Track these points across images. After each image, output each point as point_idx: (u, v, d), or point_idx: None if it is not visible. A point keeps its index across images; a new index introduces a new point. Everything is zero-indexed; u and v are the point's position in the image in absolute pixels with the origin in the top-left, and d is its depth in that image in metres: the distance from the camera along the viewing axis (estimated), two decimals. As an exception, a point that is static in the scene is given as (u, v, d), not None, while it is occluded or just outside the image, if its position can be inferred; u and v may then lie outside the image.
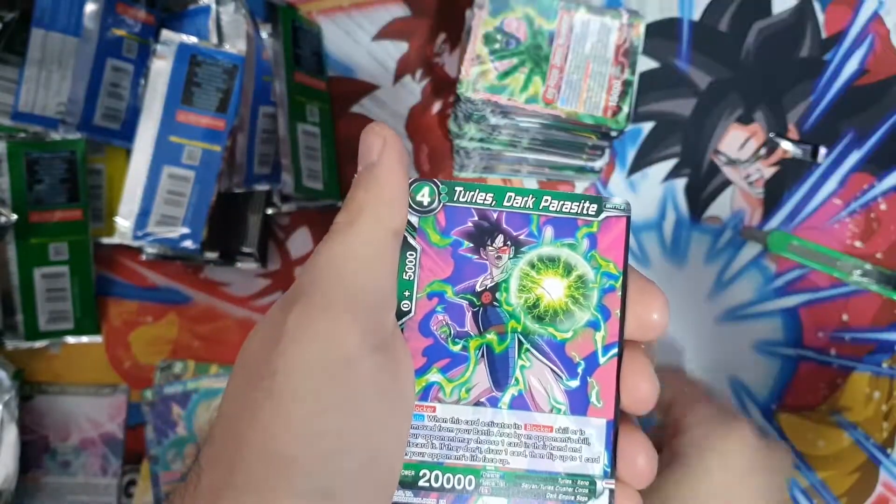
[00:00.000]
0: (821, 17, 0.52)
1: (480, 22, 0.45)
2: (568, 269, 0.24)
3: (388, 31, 0.53)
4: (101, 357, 0.52)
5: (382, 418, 0.21)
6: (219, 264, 0.51)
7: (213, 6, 0.49)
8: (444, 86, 0.53)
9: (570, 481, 0.23)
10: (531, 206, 0.24)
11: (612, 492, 0.23)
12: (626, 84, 0.45)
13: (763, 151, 0.52)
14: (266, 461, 0.19)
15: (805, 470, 0.50)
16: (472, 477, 0.23)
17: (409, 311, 0.24)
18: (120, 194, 0.48)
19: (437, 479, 0.23)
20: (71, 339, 0.50)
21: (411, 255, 0.24)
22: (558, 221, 0.24)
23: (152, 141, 0.47)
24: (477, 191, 0.24)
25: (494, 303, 0.24)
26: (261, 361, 0.21)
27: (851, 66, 0.52)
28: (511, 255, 0.24)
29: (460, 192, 0.24)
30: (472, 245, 0.24)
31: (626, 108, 0.44)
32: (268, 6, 0.50)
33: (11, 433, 0.47)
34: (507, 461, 0.23)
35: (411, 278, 0.24)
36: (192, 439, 0.51)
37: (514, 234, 0.24)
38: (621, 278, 0.24)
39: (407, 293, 0.24)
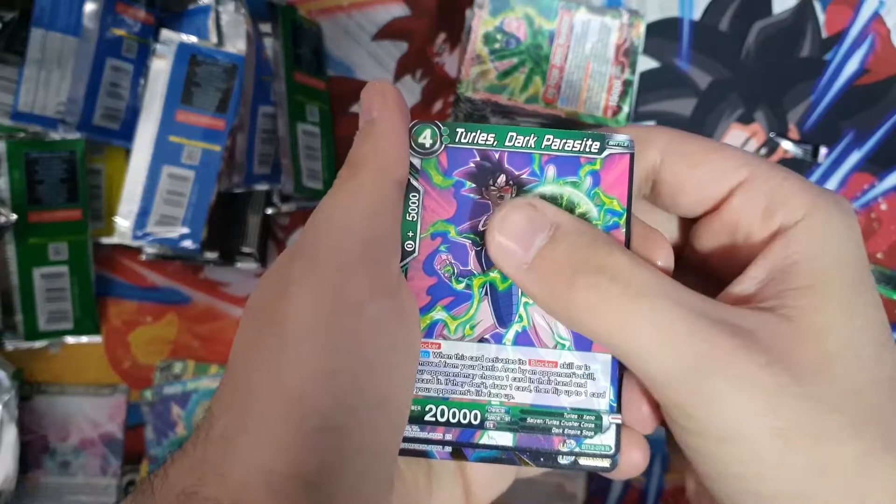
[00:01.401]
0: (821, 16, 0.52)
1: (480, 22, 0.44)
2: (571, 207, 0.24)
3: (388, 31, 0.53)
4: (101, 357, 0.52)
5: (390, 360, 0.22)
6: (219, 264, 0.51)
7: (213, 6, 0.49)
8: (444, 86, 0.53)
9: (576, 416, 0.23)
10: (533, 146, 0.24)
11: (618, 426, 0.23)
12: (627, 84, 0.44)
13: (763, 151, 0.52)
14: (277, 403, 0.19)
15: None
16: (477, 412, 0.23)
17: (413, 252, 0.24)
18: (119, 194, 0.48)
19: (442, 414, 0.23)
20: (70, 339, 0.50)
21: (414, 196, 0.24)
22: (560, 160, 0.24)
23: (152, 141, 0.47)
24: (479, 131, 0.24)
25: None
26: (269, 310, 0.21)
27: (852, 66, 0.52)
28: (513, 195, 0.24)
29: (462, 133, 0.24)
30: (474, 185, 0.24)
31: (626, 108, 0.44)
32: (268, 6, 0.50)
33: (11, 433, 0.47)
34: (512, 396, 0.23)
35: (414, 219, 0.24)
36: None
37: (517, 173, 0.24)
38: (625, 215, 0.24)
39: (410, 234, 0.24)
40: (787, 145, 0.52)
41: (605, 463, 0.23)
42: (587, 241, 0.21)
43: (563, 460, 0.23)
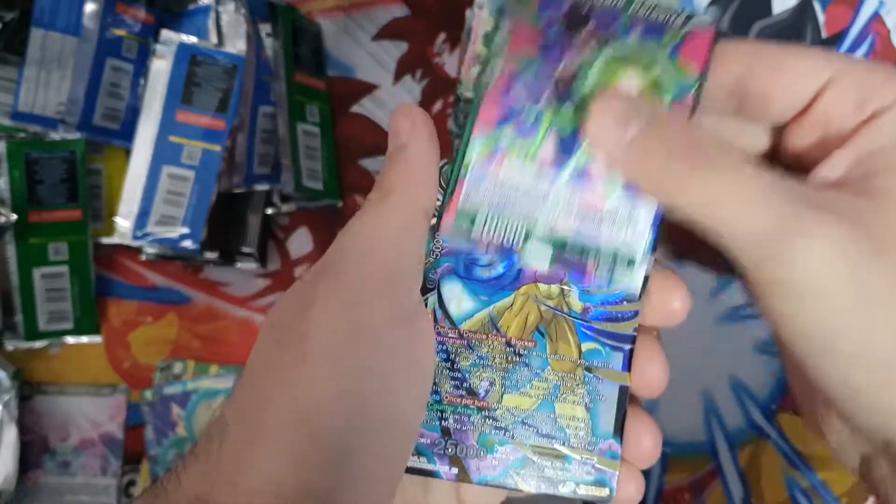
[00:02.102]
0: (821, 17, 0.52)
1: (480, 22, 0.44)
2: (648, 67, 0.24)
3: (388, 31, 0.53)
4: (101, 357, 0.52)
5: (403, 386, 0.22)
6: (219, 264, 0.51)
7: (213, 6, 0.49)
8: (444, 86, 0.53)
9: (612, 254, 0.24)
10: (622, 6, 0.24)
11: (648, 271, 0.24)
12: (627, 84, 0.44)
13: (763, 151, 0.52)
14: (292, 418, 0.20)
15: (805, 470, 0.50)
16: (525, 229, 0.24)
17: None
18: (119, 194, 0.48)
19: (493, 224, 0.24)
20: (70, 340, 0.50)
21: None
22: (647, 25, 0.24)
23: (152, 141, 0.47)
24: None
25: (573, 85, 0.24)
26: (290, 325, 0.21)
27: (852, 66, 0.52)
28: (597, 47, 0.24)
29: None
30: (563, 28, 0.24)
31: (626, 108, 0.44)
32: (268, 6, 0.50)
33: (11, 433, 0.47)
34: (557, 225, 0.24)
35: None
36: (191, 439, 0.51)
37: (604, 27, 0.24)
38: (696, 86, 0.24)
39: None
40: (786, 145, 0.52)
41: (604, 493, 0.24)
42: (688, 126, 0.22)
43: (562, 489, 0.24)
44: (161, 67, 0.48)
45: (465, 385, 0.24)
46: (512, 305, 0.25)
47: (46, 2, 0.48)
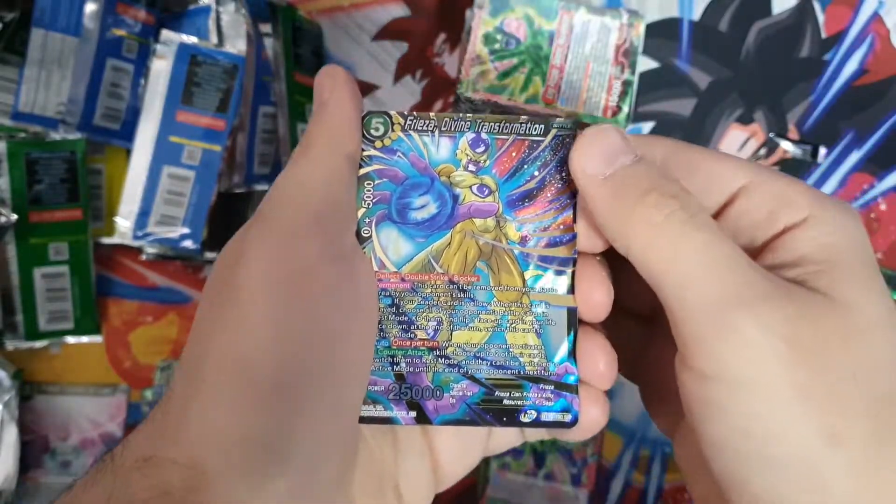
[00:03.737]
0: (821, 17, 0.52)
1: (480, 22, 0.45)
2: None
3: (388, 31, 0.53)
4: (101, 357, 0.52)
5: (343, 325, 0.22)
6: (219, 264, 0.51)
7: (213, 6, 0.49)
8: (444, 86, 0.53)
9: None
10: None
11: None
12: (626, 84, 0.45)
13: (763, 151, 0.52)
14: (228, 367, 0.20)
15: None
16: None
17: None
18: (120, 194, 0.48)
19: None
20: (71, 339, 0.50)
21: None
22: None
23: (152, 141, 0.47)
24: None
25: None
26: (224, 277, 0.22)
27: (851, 66, 0.52)
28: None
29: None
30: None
31: (626, 108, 0.44)
32: (268, 6, 0.50)
33: (11, 433, 0.47)
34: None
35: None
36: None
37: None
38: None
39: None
40: (786, 145, 0.52)
41: (567, 418, 0.24)
42: (663, 173, 0.22)
43: (524, 418, 0.24)
44: (161, 67, 0.48)
45: (412, 328, 0.24)
46: (450, 244, 0.25)
47: (46, 2, 0.48)
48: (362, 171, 0.25)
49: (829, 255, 0.20)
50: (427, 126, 0.25)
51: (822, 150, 0.52)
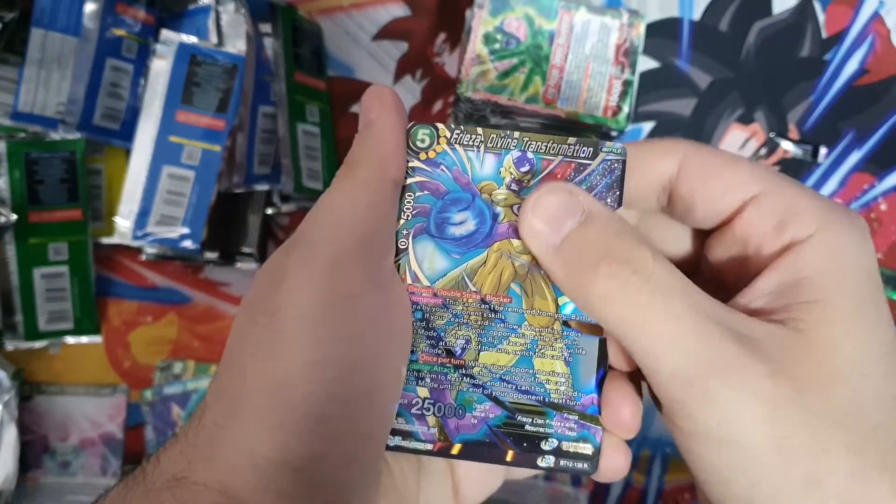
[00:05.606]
0: (821, 16, 0.52)
1: (480, 22, 0.44)
2: None
3: (388, 31, 0.53)
4: (101, 357, 0.52)
5: (380, 353, 0.22)
6: (219, 264, 0.51)
7: (213, 6, 0.49)
8: (444, 86, 0.53)
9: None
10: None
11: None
12: (627, 84, 0.44)
13: (763, 151, 0.52)
14: (267, 390, 0.20)
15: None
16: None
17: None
18: (119, 194, 0.48)
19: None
20: (70, 340, 0.50)
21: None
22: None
23: (152, 141, 0.47)
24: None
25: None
26: (264, 299, 0.21)
27: (852, 66, 0.52)
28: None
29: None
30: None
31: (626, 108, 0.44)
32: (268, 6, 0.50)
33: (11, 433, 0.47)
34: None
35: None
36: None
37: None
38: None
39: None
40: (787, 145, 0.52)
41: (588, 450, 0.24)
42: (615, 231, 0.22)
43: (545, 445, 0.24)
44: (161, 67, 0.48)
45: (440, 344, 0.24)
46: (485, 262, 0.24)
47: (46, 2, 0.48)
48: (404, 182, 0.24)
49: (826, 283, 0.20)
50: (473, 141, 0.25)
51: (823, 150, 0.52)
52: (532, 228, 0.23)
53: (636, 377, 0.24)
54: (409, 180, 0.24)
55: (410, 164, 0.24)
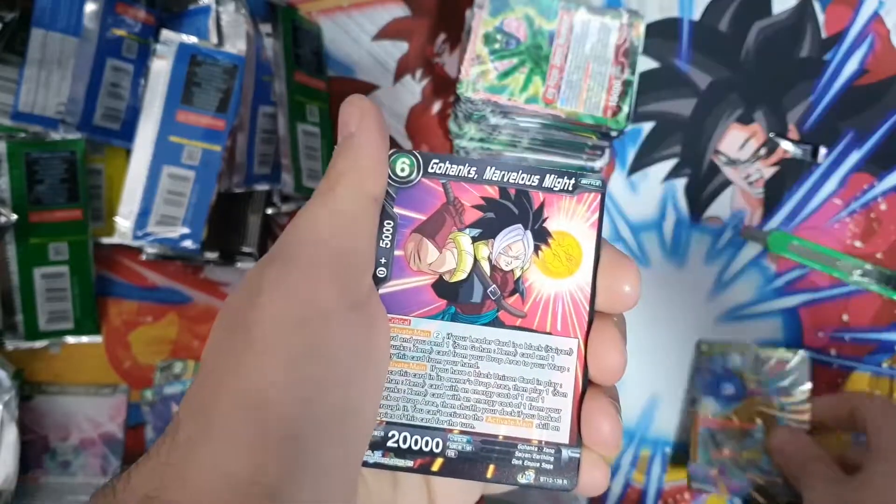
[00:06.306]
0: (821, 17, 0.52)
1: (480, 22, 0.44)
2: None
3: (388, 31, 0.53)
4: (101, 357, 0.52)
5: (356, 373, 0.22)
6: (219, 264, 0.51)
7: (213, 6, 0.49)
8: (444, 86, 0.53)
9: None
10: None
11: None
12: (626, 84, 0.44)
13: (763, 151, 0.52)
14: (241, 409, 0.20)
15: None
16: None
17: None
18: (120, 194, 0.48)
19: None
20: (71, 339, 0.50)
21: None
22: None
23: (152, 141, 0.47)
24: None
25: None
26: (239, 315, 0.21)
27: (851, 66, 0.52)
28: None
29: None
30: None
31: (626, 108, 0.44)
32: (268, 6, 0.50)
33: (11, 433, 0.47)
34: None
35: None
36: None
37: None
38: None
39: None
40: (786, 145, 0.52)
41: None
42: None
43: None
44: (161, 67, 0.48)
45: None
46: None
47: (46, 2, 0.48)
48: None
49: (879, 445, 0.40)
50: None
51: (822, 150, 0.52)
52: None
53: (613, 392, 0.25)
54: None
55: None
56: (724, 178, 0.52)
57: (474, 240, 0.25)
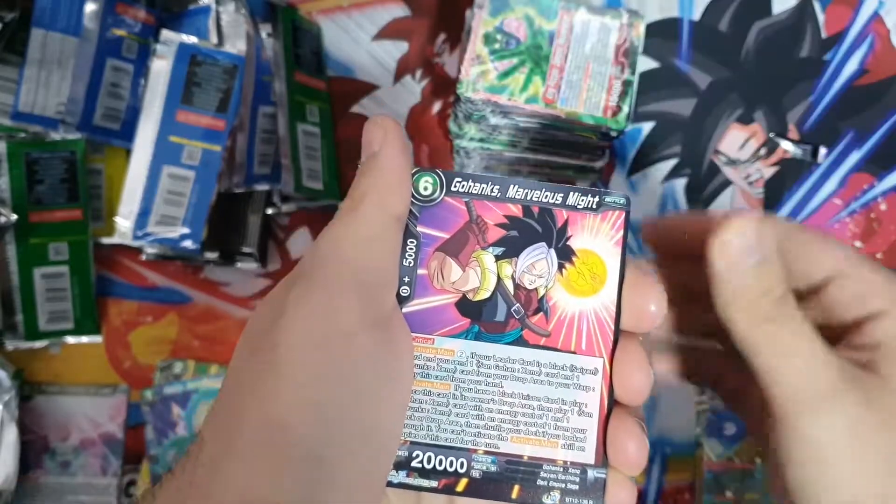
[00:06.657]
0: (821, 17, 0.52)
1: (480, 22, 0.44)
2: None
3: (388, 31, 0.53)
4: (101, 357, 0.52)
5: (380, 393, 0.22)
6: (219, 264, 0.51)
7: (213, 6, 0.49)
8: (444, 86, 0.53)
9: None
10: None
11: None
12: (626, 84, 0.45)
13: (763, 151, 0.52)
14: (264, 430, 0.20)
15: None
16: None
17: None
18: (120, 194, 0.48)
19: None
20: (71, 339, 0.50)
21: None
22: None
23: (152, 141, 0.47)
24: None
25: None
26: (262, 336, 0.21)
27: (851, 66, 0.52)
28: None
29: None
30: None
31: (626, 108, 0.44)
32: (268, 6, 0.50)
33: (11, 433, 0.47)
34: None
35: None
36: (192, 439, 0.50)
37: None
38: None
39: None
40: (786, 145, 0.52)
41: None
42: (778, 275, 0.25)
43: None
44: (161, 67, 0.48)
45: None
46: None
47: (46, 2, 0.48)
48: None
49: None
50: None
51: (822, 150, 0.52)
52: (730, 248, 0.24)
53: (639, 412, 0.25)
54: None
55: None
56: (724, 178, 0.52)
57: (498, 258, 0.25)
